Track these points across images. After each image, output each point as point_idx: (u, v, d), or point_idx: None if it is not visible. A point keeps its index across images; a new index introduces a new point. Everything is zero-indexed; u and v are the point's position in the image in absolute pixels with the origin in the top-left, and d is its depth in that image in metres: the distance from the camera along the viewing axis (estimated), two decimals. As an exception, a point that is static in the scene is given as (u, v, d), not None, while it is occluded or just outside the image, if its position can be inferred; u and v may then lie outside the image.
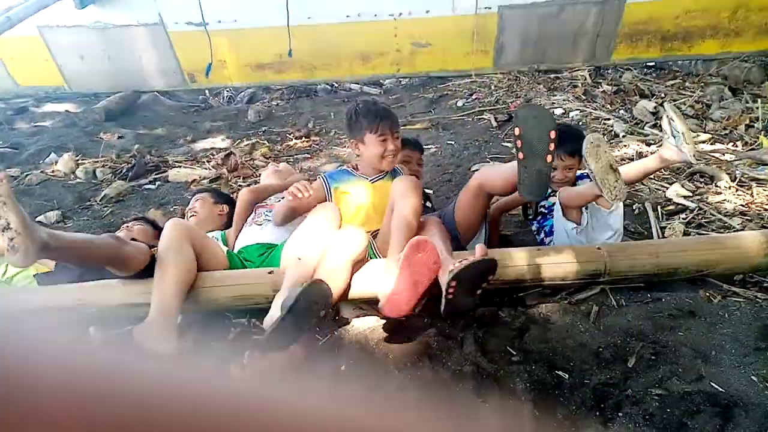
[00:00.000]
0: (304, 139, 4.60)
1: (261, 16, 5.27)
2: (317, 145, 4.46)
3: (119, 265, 1.90)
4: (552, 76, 5.55)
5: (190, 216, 2.63)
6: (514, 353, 1.90)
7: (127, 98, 5.40)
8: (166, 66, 5.60)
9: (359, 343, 1.97)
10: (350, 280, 2.02)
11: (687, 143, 2.07)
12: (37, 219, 2.90)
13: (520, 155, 1.96)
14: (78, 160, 4.05)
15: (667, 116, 2.14)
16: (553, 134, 1.92)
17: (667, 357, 1.82)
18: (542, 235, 2.53)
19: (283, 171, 3.02)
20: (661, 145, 2.28)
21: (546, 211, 2.56)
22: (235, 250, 2.38)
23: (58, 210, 3.22)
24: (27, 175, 3.82)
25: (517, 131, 1.96)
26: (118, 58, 5.51)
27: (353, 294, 2.04)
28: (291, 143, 4.50)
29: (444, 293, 1.75)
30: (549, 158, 1.95)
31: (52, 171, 3.93)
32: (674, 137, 2.13)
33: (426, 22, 5.42)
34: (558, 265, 2.01)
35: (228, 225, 2.63)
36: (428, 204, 2.75)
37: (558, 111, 4.43)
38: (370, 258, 2.17)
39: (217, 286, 2.00)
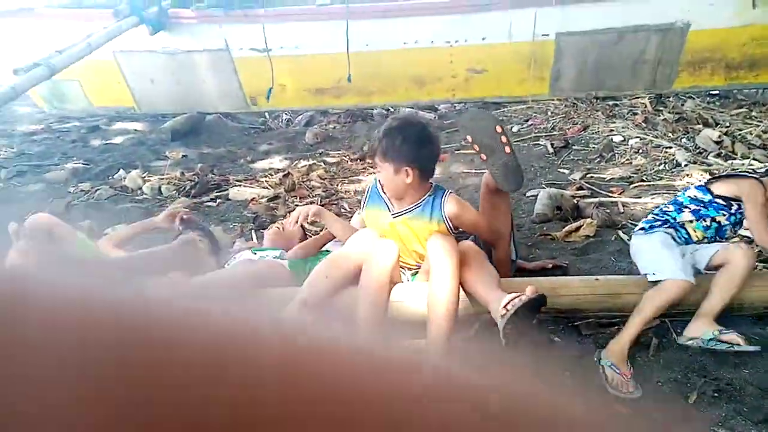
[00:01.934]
0: (359, 161, 4.68)
1: (321, 43, 5.43)
2: (371, 167, 4.52)
3: None
4: (610, 103, 5.47)
5: None
6: (569, 385, 1.87)
7: (192, 119, 5.64)
8: (230, 89, 5.82)
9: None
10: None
11: None
12: (105, 231, 3.04)
13: (483, 156, 2.17)
14: (145, 176, 4.25)
15: None
16: (499, 128, 2.14)
17: (730, 395, 1.76)
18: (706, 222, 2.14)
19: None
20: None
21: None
22: None
23: (125, 224, 3.38)
24: (97, 189, 4.03)
25: (469, 139, 2.17)
26: (185, 81, 5.77)
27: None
28: (346, 165, 4.59)
29: (501, 332, 1.74)
30: (507, 149, 2.14)
31: (121, 186, 4.13)
32: None
33: (482, 48, 5.46)
34: (614, 295, 1.98)
35: None
36: None
37: (617, 138, 4.36)
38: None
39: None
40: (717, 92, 5.62)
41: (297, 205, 3.81)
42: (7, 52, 5.47)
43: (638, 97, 5.49)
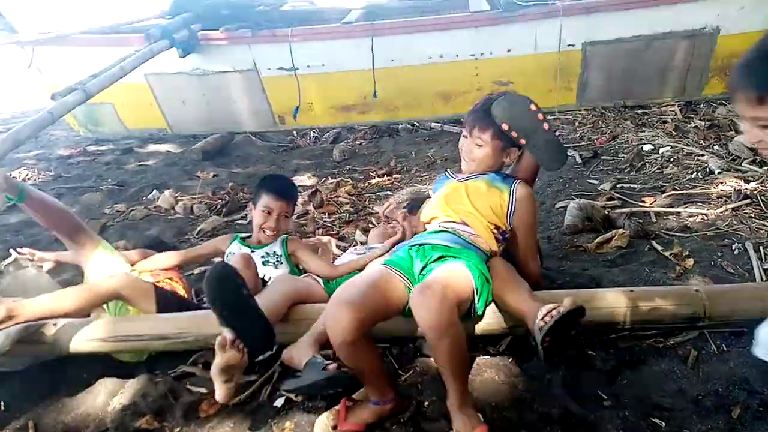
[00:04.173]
0: (386, 177, 4.70)
1: (347, 61, 5.50)
2: (398, 182, 4.54)
3: None
4: (639, 111, 5.40)
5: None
6: (606, 397, 1.84)
7: (222, 139, 5.74)
8: (258, 109, 5.92)
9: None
10: None
11: None
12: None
13: (522, 141, 2.14)
14: (177, 196, 4.33)
15: None
16: (534, 106, 2.10)
17: (776, 409, 1.70)
18: None
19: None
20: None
21: None
22: None
23: (162, 243, 3.45)
24: (131, 210, 4.13)
25: (505, 127, 2.12)
26: (215, 102, 5.89)
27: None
28: (373, 181, 4.61)
29: (539, 344, 1.72)
30: (546, 126, 2.12)
31: (154, 207, 4.22)
32: None
33: (507, 61, 5.46)
34: (652, 308, 1.94)
35: None
36: None
37: (647, 147, 4.30)
38: None
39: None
40: (749, 98, 5.49)
41: (325, 222, 3.85)
42: (45, 78, 5.67)
43: (667, 105, 5.41)
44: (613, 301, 1.98)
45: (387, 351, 2.15)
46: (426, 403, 1.86)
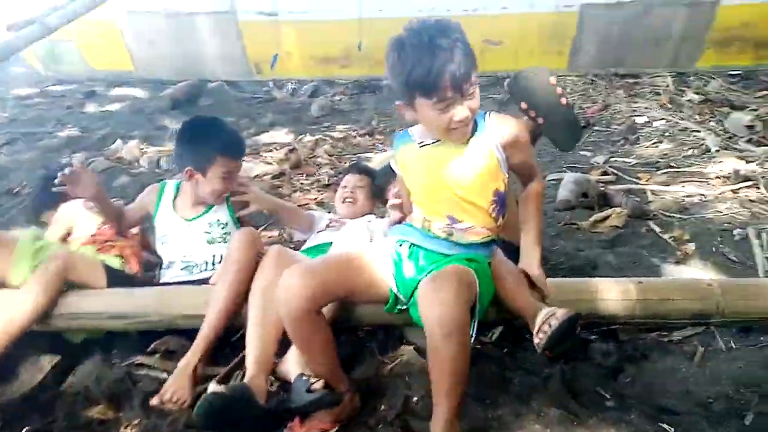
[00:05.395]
0: (367, 136, 4.47)
1: (332, 9, 5.17)
2: (381, 143, 4.31)
3: None
4: (631, 81, 5.23)
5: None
6: (608, 397, 1.70)
7: (193, 87, 5.39)
8: (233, 55, 5.58)
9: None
10: None
11: None
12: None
13: (540, 120, 1.96)
14: (143, 148, 4.03)
15: None
16: (553, 80, 1.94)
17: (791, 415, 1.59)
18: None
19: None
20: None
21: None
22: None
23: (121, 200, 3.18)
24: (92, 161, 3.82)
25: (524, 105, 1.95)
26: (186, 45, 5.52)
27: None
28: (354, 141, 4.37)
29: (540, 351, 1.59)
30: (564, 101, 1.96)
31: (117, 158, 3.92)
32: None
33: (501, 18, 5.21)
34: (660, 302, 1.79)
35: None
36: None
37: (640, 119, 4.14)
38: None
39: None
40: (738, 72, 5.35)
41: (302, 184, 3.62)
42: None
43: (659, 76, 5.25)
44: (615, 293, 1.82)
45: (371, 336, 1.98)
46: (415, 399, 1.69)
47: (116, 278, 1.98)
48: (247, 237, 1.88)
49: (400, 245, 1.66)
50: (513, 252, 1.83)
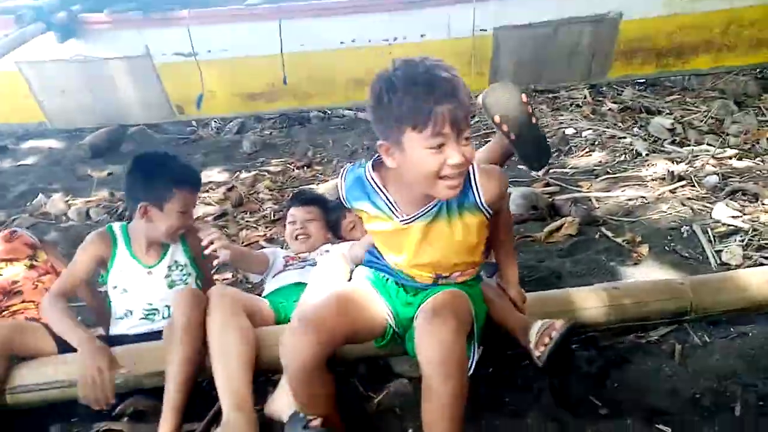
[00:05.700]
0: (305, 168, 4.40)
1: (252, 45, 5.09)
2: (321, 174, 4.26)
3: None
4: (550, 95, 5.46)
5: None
6: (601, 405, 1.71)
7: (113, 132, 5.13)
8: (153, 98, 5.35)
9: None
10: None
11: None
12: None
13: (512, 136, 1.92)
14: (68, 200, 3.78)
15: None
16: (524, 97, 1.92)
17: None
18: None
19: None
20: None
21: None
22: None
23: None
24: (15, 219, 3.53)
25: (497, 119, 1.91)
26: (101, 92, 5.26)
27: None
28: (293, 174, 4.29)
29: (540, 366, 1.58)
30: (534, 119, 1.95)
31: (42, 213, 3.65)
32: None
33: (421, 46, 5.29)
34: (636, 304, 1.82)
35: None
36: None
37: (568, 131, 4.31)
38: None
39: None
40: (644, 80, 5.73)
41: (248, 222, 3.50)
42: None
43: (576, 89, 5.51)
44: (593, 300, 1.85)
45: (351, 371, 1.90)
46: (410, 431, 1.63)
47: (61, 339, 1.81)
48: (189, 298, 1.77)
49: (387, 281, 1.61)
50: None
